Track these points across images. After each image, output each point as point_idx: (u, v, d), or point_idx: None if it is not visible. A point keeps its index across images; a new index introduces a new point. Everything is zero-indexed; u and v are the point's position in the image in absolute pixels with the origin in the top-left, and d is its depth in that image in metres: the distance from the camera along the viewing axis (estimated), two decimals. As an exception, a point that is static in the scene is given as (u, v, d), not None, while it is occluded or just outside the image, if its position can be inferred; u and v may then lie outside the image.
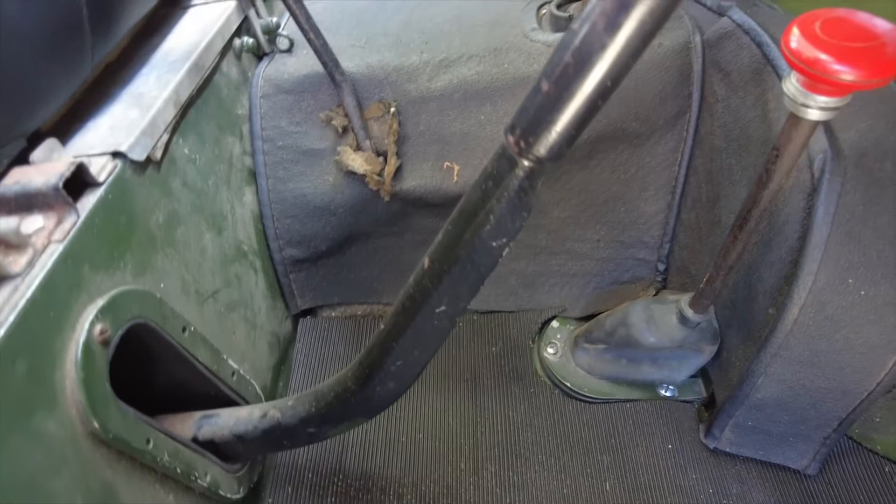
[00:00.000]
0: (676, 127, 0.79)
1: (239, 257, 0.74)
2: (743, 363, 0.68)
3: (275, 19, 0.83)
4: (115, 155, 0.53)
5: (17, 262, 0.43)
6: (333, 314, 0.90)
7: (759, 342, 0.63)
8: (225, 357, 0.64)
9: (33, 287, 0.42)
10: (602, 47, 0.29)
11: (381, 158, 0.80)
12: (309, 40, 0.72)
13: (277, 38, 0.83)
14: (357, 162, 0.77)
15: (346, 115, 0.78)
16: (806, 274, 0.57)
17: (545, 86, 0.34)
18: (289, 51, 0.84)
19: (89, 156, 0.53)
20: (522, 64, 0.78)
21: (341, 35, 0.85)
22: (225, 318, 0.68)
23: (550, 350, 0.84)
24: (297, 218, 0.80)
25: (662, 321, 0.73)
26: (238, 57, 0.78)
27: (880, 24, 0.42)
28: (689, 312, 0.70)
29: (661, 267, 0.87)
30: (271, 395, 0.77)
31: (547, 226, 0.86)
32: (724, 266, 0.63)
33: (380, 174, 0.78)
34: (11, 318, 0.40)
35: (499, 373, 0.82)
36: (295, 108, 0.79)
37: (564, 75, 0.32)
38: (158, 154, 0.58)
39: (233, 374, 0.65)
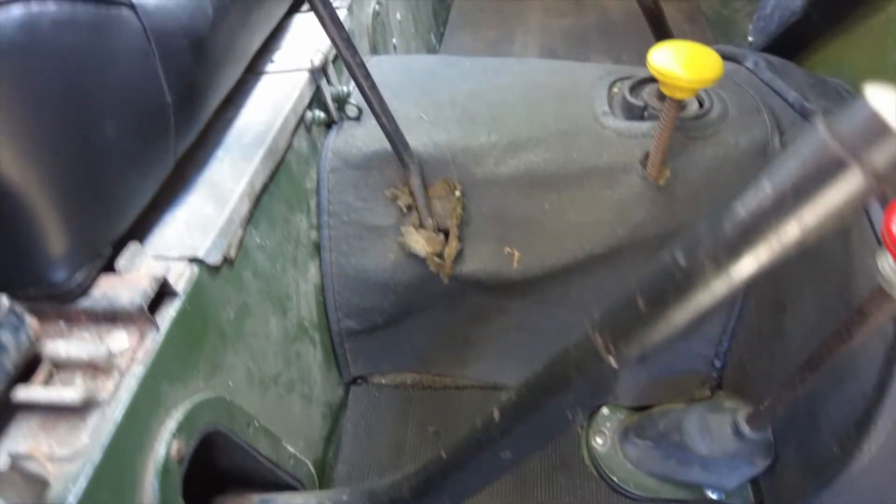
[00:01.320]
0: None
1: (300, 334, 0.75)
2: (799, 488, 0.66)
3: (345, 88, 0.83)
4: (193, 261, 0.55)
5: (104, 388, 0.45)
6: (384, 381, 0.91)
7: (822, 480, 0.62)
8: (284, 444, 0.65)
9: (119, 414, 0.44)
10: (706, 282, 0.29)
11: (441, 236, 0.80)
12: (380, 124, 0.72)
13: (346, 107, 0.84)
14: (420, 244, 0.77)
15: (412, 194, 0.79)
16: (880, 429, 0.55)
17: (643, 305, 0.33)
18: (357, 118, 0.85)
19: (167, 259, 0.54)
20: (591, 153, 0.77)
21: (409, 103, 0.85)
22: (284, 399, 0.70)
23: (599, 440, 0.83)
24: (357, 291, 0.81)
25: (717, 432, 0.72)
26: (308, 129, 0.79)
27: None
28: (746, 429, 0.69)
29: (718, 363, 0.85)
30: (321, 467, 0.78)
31: (606, 298, 0.85)
32: (788, 398, 0.61)
33: (440, 255, 0.79)
34: (100, 451, 0.42)
35: (546, 459, 0.82)
36: (362, 183, 0.80)
37: (662, 300, 0.32)
38: (233, 252, 0.59)
39: (290, 458, 0.67)
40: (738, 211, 0.30)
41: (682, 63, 0.62)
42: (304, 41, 0.84)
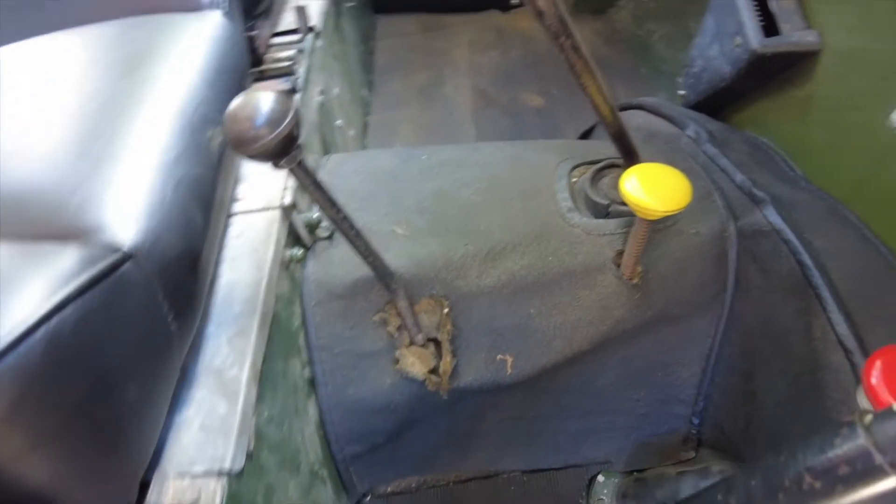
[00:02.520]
0: (713, 305, 0.83)
1: (314, 481, 0.75)
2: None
3: (315, 214, 0.83)
4: (221, 474, 0.54)
5: None
6: (389, 489, 0.92)
7: None
8: None
9: None
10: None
11: (432, 346, 0.82)
12: (360, 256, 0.71)
13: (318, 230, 0.84)
14: (416, 367, 0.79)
15: (400, 315, 0.80)
16: None
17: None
18: (330, 237, 0.84)
19: (194, 476, 0.53)
20: (565, 255, 0.81)
21: (379, 215, 0.86)
22: (306, 555, 0.70)
23: (601, 512, 0.89)
24: (357, 418, 0.82)
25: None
26: (287, 267, 0.78)
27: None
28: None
29: (696, 421, 0.92)
30: None
31: (592, 391, 0.90)
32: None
33: (435, 371, 0.80)
34: None
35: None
36: (348, 312, 0.80)
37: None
38: (252, 444, 0.59)
39: None
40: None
41: (653, 192, 0.66)
42: (261, 167, 0.82)
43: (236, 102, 0.53)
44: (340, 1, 1.40)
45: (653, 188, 0.67)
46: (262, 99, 0.54)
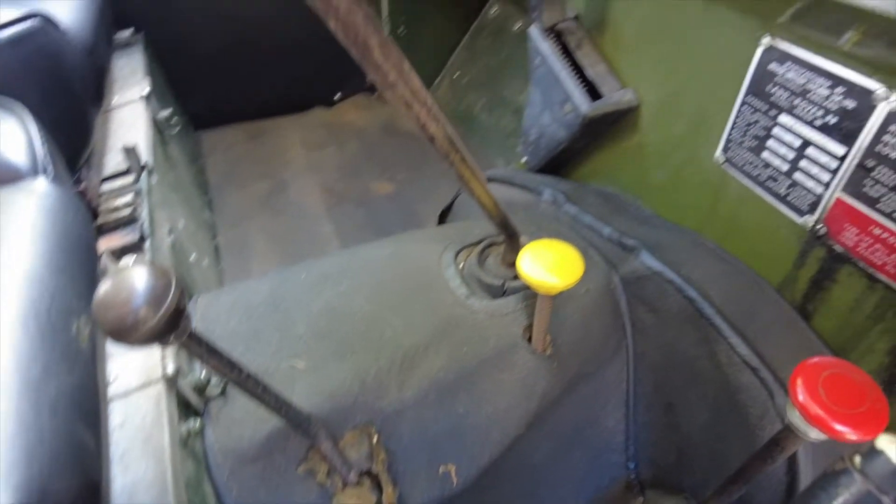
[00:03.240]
0: (619, 352, 0.87)
1: None
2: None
3: (203, 374, 0.73)
4: None
5: None
6: None
7: None
8: None
9: None
10: None
11: (368, 481, 0.75)
12: (266, 406, 0.64)
13: (208, 389, 0.74)
14: (358, 511, 0.71)
15: (325, 459, 0.72)
16: None
17: None
18: (223, 393, 0.75)
19: None
20: (477, 343, 0.80)
21: (269, 351, 0.79)
22: None
23: None
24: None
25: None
26: (185, 444, 0.68)
27: (869, 383, 0.53)
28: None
29: (632, 465, 0.95)
30: None
31: (530, 470, 0.88)
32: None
33: (379, 506, 0.74)
34: None
35: None
36: (267, 473, 0.70)
37: None
38: None
39: None
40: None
41: (551, 268, 0.68)
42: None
43: (105, 287, 0.46)
44: (164, 129, 1.32)
45: (548, 265, 0.69)
46: (135, 276, 0.47)
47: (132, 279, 0.47)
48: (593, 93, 0.99)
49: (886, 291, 0.68)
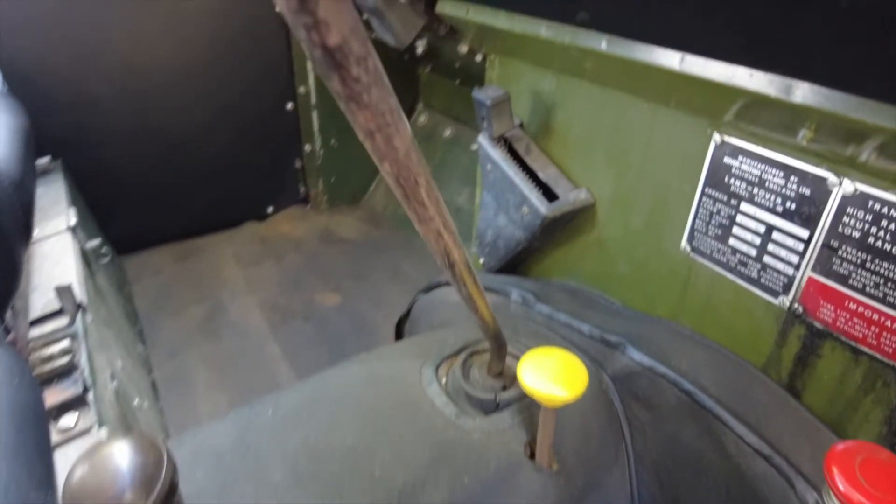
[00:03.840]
0: (619, 454, 0.84)
1: None
2: None
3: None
4: None
5: None
6: None
7: None
8: None
9: None
10: None
11: None
12: None
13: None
14: None
15: None
16: None
17: None
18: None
19: None
20: (479, 469, 0.74)
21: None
22: None
23: None
24: None
25: None
26: None
27: (904, 465, 0.52)
28: None
29: (646, 574, 0.89)
30: None
31: None
32: None
33: None
34: None
35: None
36: None
37: None
38: None
39: None
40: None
41: (553, 378, 0.65)
42: None
43: (80, 472, 0.39)
44: (93, 260, 1.22)
45: (551, 375, 0.66)
46: (116, 454, 0.40)
47: (112, 458, 0.40)
48: (549, 194, 1.02)
49: (872, 362, 0.70)
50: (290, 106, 1.89)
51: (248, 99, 1.82)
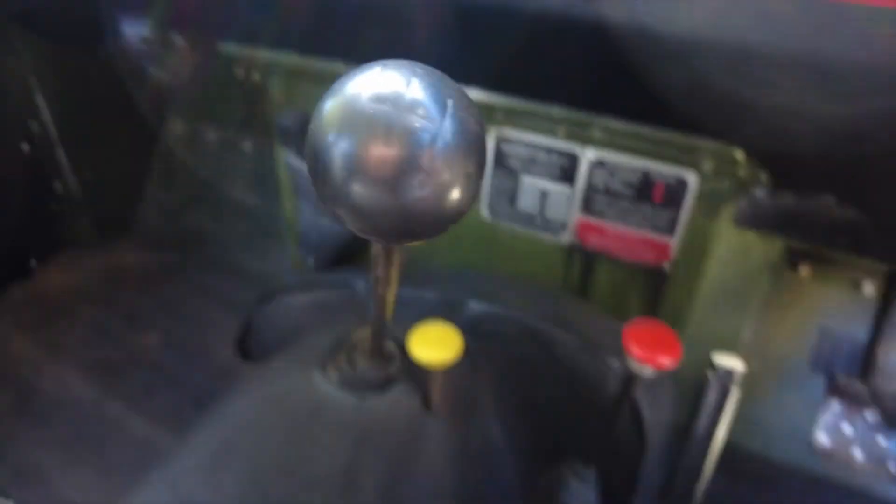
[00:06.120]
0: (484, 386, 1.07)
1: None
2: None
3: None
4: None
5: None
6: None
7: None
8: None
9: None
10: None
11: None
12: None
13: None
14: None
15: None
16: None
17: None
18: None
19: None
20: (401, 436, 0.89)
21: None
22: None
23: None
24: None
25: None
26: None
27: (665, 328, 0.82)
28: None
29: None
30: None
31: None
32: None
33: None
34: None
35: None
36: None
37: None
38: None
39: None
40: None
41: (436, 346, 0.83)
42: None
43: None
44: None
45: (433, 344, 0.84)
46: None
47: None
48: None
49: (628, 267, 1.03)
50: (25, 147, 1.67)
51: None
